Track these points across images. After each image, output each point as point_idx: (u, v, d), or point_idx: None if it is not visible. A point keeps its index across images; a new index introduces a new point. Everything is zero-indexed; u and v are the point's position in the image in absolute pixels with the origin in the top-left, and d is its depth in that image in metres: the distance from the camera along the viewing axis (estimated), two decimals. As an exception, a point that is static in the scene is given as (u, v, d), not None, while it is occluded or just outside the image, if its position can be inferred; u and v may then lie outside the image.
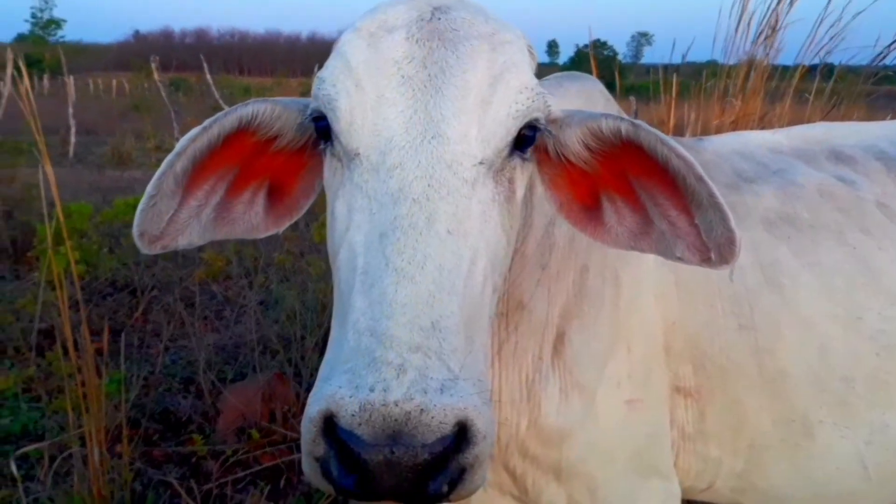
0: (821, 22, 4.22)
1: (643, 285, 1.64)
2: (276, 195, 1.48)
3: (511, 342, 1.57)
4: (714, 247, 1.24)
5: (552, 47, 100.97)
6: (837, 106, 4.91)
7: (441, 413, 0.94)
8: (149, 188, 1.32)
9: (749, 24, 4.31)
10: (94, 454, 2.58)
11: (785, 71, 4.65)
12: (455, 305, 1.06)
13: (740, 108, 4.50)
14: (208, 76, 16.33)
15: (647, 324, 1.64)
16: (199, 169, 1.36)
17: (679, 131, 4.88)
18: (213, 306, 5.40)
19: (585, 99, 1.68)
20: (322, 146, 1.31)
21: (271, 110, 1.36)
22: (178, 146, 1.32)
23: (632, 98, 12.43)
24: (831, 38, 4.22)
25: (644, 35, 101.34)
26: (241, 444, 3.42)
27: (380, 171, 1.16)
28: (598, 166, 1.34)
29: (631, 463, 1.65)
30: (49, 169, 2.60)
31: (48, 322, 4.73)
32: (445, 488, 0.98)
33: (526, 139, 1.25)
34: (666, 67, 5.54)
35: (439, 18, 1.27)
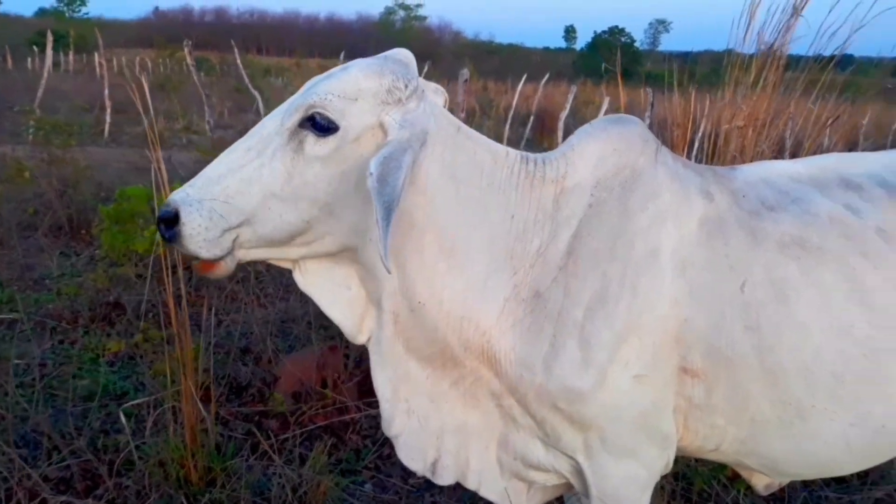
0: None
1: (658, 291, 1.98)
2: None
3: (526, 321, 2.01)
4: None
5: (569, 33, 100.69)
6: (855, 101, 4.99)
7: (172, 201, 1.90)
8: None
9: (768, 17, 4.15)
10: (190, 408, 3.07)
11: (798, 61, 4.53)
12: (222, 177, 1.91)
13: (749, 112, 4.65)
14: (237, 58, 16.77)
15: (659, 320, 1.97)
16: None
17: (692, 136, 5.10)
18: (259, 284, 5.87)
19: (625, 142, 2.10)
20: None
21: None
22: None
23: (648, 90, 12.70)
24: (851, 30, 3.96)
25: (662, 22, 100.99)
26: (300, 405, 3.89)
27: None
28: None
29: (637, 423, 2.03)
30: (158, 154, 3.06)
31: (103, 296, 5.24)
32: (168, 235, 1.90)
33: (317, 124, 1.89)
34: (685, 56, 5.54)
35: None
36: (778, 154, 4.87)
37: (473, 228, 2.01)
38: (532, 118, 18.92)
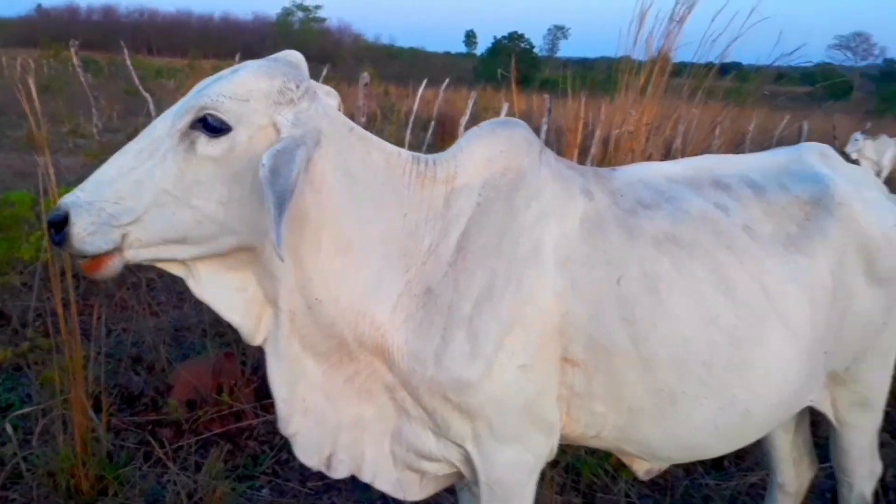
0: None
1: (541, 284, 2.09)
2: None
3: (418, 316, 2.09)
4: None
5: (470, 38, 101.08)
6: (738, 106, 5.16)
7: (62, 205, 1.88)
8: None
9: (656, 24, 4.32)
10: (80, 416, 3.01)
11: (685, 68, 4.73)
12: (114, 180, 1.90)
13: (639, 117, 4.79)
14: (127, 58, 16.29)
15: (542, 312, 2.09)
16: None
17: (586, 143, 5.24)
18: (150, 292, 5.75)
19: (511, 144, 2.22)
20: None
21: None
22: None
23: (546, 96, 12.94)
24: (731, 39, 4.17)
25: (560, 28, 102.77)
26: (195, 412, 3.85)
27: None
28: None
29: (522, 411, 2.14)
30: (48, 158, 2.99)
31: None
32: (58, 239, 1.88)
33: (209, 125, 1.91)
34: (583, 61, 5.67)
35: None
36: (666, 157, 5.07)
37: (368, 227, 2.07)
38: (433, 123, 19.00)
